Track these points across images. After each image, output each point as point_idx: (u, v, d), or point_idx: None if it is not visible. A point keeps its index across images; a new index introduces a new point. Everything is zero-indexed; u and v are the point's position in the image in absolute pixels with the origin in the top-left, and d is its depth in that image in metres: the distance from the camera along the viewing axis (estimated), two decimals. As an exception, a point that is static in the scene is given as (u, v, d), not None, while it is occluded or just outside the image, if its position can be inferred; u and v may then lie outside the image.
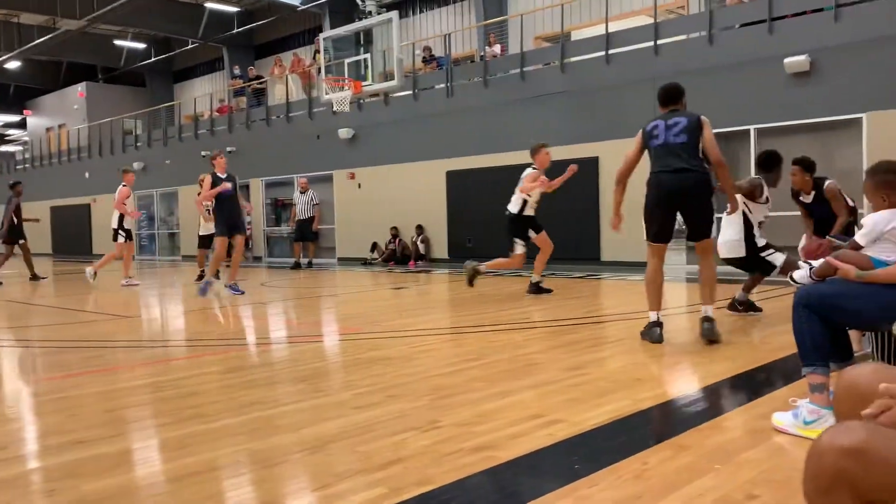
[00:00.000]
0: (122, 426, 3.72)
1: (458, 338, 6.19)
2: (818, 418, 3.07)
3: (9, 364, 5.85)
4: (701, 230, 5.40)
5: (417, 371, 4.80)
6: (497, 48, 16.15)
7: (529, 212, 8.71)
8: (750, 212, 6.31)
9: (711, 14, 12.12)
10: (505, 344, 5.66)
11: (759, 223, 6.39)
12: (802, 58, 10.67)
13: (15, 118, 35.80)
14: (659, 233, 5.44)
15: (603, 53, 13.08)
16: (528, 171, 8.75)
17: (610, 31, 13.15)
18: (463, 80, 15.58)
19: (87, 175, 26.37)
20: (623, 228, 5.77)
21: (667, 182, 5.29)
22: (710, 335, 5.30)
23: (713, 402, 3.98)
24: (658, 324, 5.46)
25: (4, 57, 27.76)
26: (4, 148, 36.49)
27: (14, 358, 6.13)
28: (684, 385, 4.43)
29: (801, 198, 6.48)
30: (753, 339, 5.70)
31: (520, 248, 8.67)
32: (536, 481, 2.79)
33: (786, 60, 10.79)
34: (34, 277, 14.12)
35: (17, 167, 31.83)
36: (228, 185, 9.99)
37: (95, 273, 12.39)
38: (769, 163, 6.50)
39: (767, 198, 6.41)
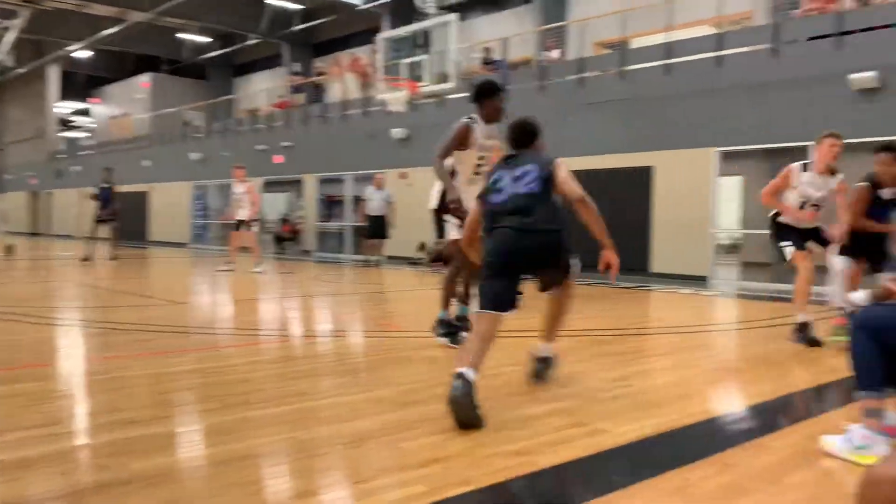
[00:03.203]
0: (172, 409, 3.83)
1: (501, 342, 6.17)
2: (870, 444, 2.98)
3: (65, 342, 6.05)
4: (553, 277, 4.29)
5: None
6: (555, 53, 16.07)
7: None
8: None
9: (777, 26, 11.86)
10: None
11: None
12: (871, 74, 10.36)
13: (83, 105, 36.99)
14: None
15: (663, 62, 12.91)
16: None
17: (671, 39, 12.98)
18: (520, 84, 15.54)
19: (146, 163, 27.10)
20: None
21: (508, 242, 3.96)
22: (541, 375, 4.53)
23: (760, 421, 3.89)
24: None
25: (75, 46, 28.75)
26: (71, 134, 37.73)
27: (71, 337, 6.34)
28: (731, 402, 4.35)
29: (881, 192, 5.68)
30: (804, 359, 5.56)
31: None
32: (575, 490, 2.78)
33: (852, 76, 10.49)
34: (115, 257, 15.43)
35: (81, 153, 32.88)
36: None
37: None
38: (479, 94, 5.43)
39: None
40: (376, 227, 15.73)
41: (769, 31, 11.94)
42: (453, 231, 5.51)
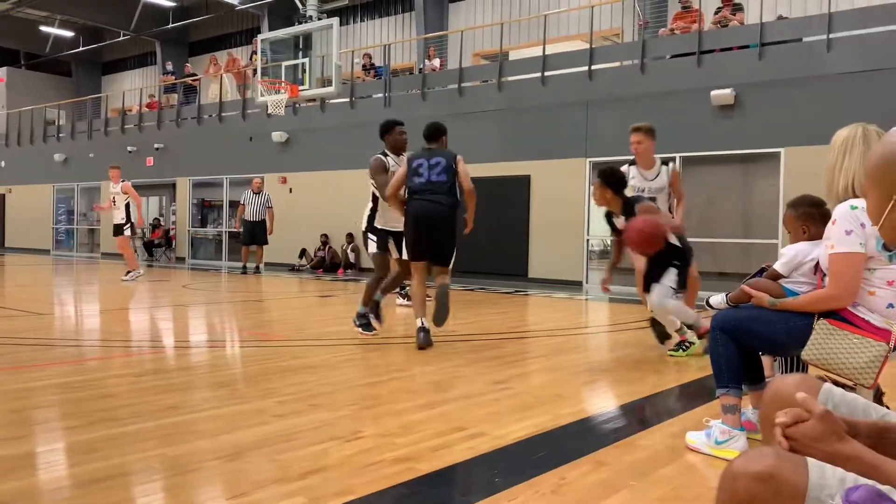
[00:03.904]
0: (28, 427, 3.56)
1: (382, 348, 6.17)
2: (729, 438, 3.19)
3: None
4: (443, 257, 6.05)
5: (341, 380, 4.76)
6: (436, 62, 16.26)
7: None
8: None
9: (644, 44, 12.51)
10: (430, 356, 5.67)
11: None
12: (727, 91, 11.12)
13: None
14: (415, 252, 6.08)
15: (539, 74, 13.33)
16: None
17: (547, 53, 13.42)
18: (401, 91, 15.61)
19: (2, 164, 25.22)
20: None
21: (422, 209, 5.91)
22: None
23: (631, 419, 4.07)
24: (423, 329, 5.92)
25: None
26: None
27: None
28: (605, 402, 4.53)
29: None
30: (671, 360, 5.87)
31: None
32: (457, 494, 2.80)
33: (712, 93, 11.22)
34: None
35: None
36: None
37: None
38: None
39: None
40: (255, 233, 15.30)
41: (638, 48, 12.58)
42: (373, 247, 6.64)
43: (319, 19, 13.94)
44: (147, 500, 2.65)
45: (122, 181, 12.56)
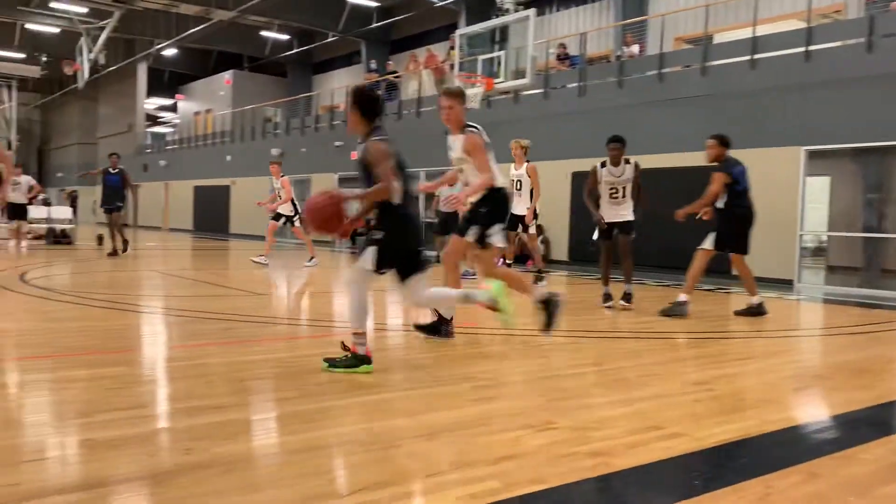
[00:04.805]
0: (249, 396, 3.92)
1: (575, 342, 6.11)
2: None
3: (149, 330, 6.29)
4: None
5: (534, 370, 4.77)
6: (635, 48, 15.76)
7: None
8: None
9: (872, 20, 11.31)
10: (625, 352, 5.53)
11: None
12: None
13: (168, 101, 38.43)
14: None
15: (748, 58, 12.49)
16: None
17: (757, 34, 12.54)
18: (597, 80, 15.30)
19: (228, 158, 27.89)
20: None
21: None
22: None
23: (849, 431, 3.71)
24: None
25: (162, 44, 29.86)
26: (157, 129, 39.24)
27: (155, 325, 6.58)
28: (818, 410, 4.16)
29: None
30: (894, 368, 5.29)
31: None
32: (652, 493, 2.71)
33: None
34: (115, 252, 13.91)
35: (167, 148, 34.16)
36: None
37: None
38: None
39: None
40: (449, 224, 15.68)
41: (863, 25, 11.39)
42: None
43: (516, 11, 14.00)
44: (351, 471, 2.82)
45: (283, 176, 13.21)
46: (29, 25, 29.53)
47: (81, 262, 13.11)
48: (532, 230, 10.21)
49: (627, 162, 8.05)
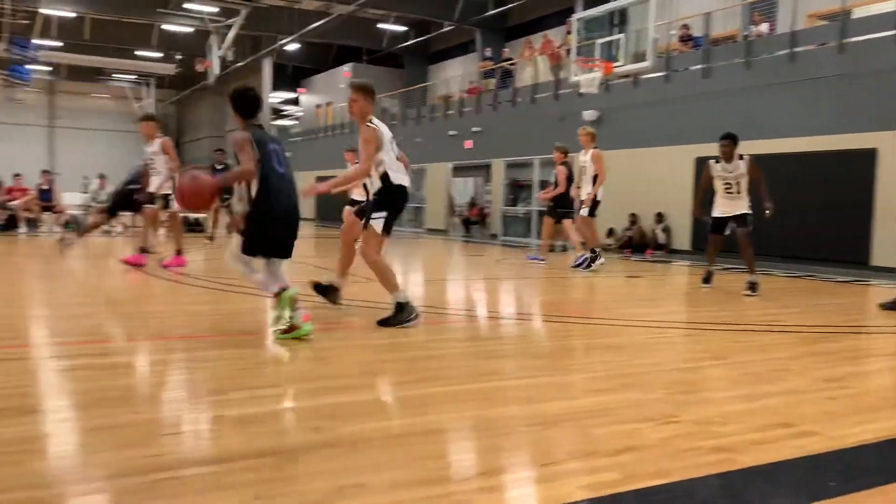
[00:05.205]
0: (374, 379, 4.04)
1: (697, 334, 5.89)
2: None
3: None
4: None
5: (653, 363, 4.64)
6: (764, 27, 14.95)
7: None
8: None
9: None
10: (750, 346, 5.28)
11: None
12: None
13: (291, 95, 39.91)
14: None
15: (893, 32, 11.58)
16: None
17: (902, 6, 11.62)
18: (722, 62, 14.64)
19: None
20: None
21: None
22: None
23: None
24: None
25: (285, 40, 31.01)
26: (281, 122, 40.85)
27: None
28: (970, 413, 3.83)
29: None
30: None
31: None
32: (782, 493, 2.58)
33: None
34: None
35: (290, 139, 35.50)
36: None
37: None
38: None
39: None
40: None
41: None
42: None
43: (636, -7, 13.58)
44: (465, 456, 2.85)
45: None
46: (165, 26, 31.39)
47: (214, 248, 13.86)
48: (584, 213, 10.67)
49: (741, 157, 8.10)
